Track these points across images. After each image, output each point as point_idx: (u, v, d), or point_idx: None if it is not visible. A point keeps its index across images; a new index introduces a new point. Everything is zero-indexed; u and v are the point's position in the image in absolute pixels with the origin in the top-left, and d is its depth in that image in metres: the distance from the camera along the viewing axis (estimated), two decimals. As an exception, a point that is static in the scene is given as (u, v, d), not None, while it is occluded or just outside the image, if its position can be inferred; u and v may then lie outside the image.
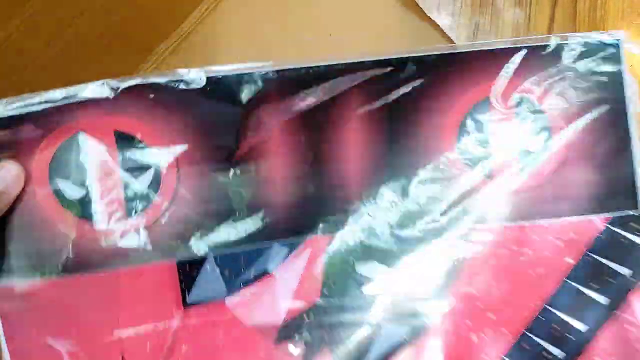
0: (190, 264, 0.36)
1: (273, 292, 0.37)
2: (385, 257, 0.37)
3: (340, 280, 0.37)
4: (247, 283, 0.37)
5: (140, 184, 0.36)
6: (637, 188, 0.36)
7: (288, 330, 0.37)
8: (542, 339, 0.36)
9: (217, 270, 0.37)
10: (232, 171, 0.37)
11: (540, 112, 0.37)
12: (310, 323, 0.37)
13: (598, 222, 0.35)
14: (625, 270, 0.35)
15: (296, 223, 0.37)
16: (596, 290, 0.35)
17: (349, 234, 0.37)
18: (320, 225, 0.37)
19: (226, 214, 0.36)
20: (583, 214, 0.35)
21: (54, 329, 0.36)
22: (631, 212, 0.35)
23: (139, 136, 0.36)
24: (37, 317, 0.35)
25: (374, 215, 0.37)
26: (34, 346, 0.35)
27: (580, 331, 0.35)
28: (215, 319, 0.37)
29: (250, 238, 0.37)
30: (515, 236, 0.36)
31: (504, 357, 0.35)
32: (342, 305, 0.37)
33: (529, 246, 0.36)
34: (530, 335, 0.36)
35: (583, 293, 0.35)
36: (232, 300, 0.37)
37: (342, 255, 0.37)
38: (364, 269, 0.37)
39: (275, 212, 0.37)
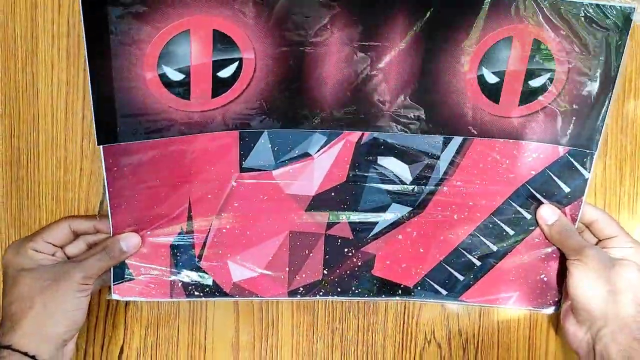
0: (249, 137, 0.44)
1: (311, 171, 0.46)
2: (402, 155, 0.46)
3: (364, 170, 0.46)
4: (291, 160, 0.45)
5: (225, 73, 0.42)
6: (599, 134, 0.45)
7: (317, 202, 0.46)
8: (502, 222, 0.48)
9: (269, 145, 0.44)
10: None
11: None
12: (335, 198, 0.47)
13: (561, 150, 0.46)
14: (566, 188, 0.48)
15: (337, 118, 0.44)
16: (543, 197, 0.48)
17: (376, 134, 0.45)
18: (355, 124, 0.45)
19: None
20: (550, 142, 0.46)
21: (146, 177, 0.44)
22: (587, 151, 0.47)
23: (231, 36, 0.41)
24: (137, 169, 0.43)
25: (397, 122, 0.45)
26: (131, 189, 0.44)
27: (526, 219, 0.48)
28: (263, 184, 0.46)
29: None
30: (502, 148, 0.47)
31: (474, 232, 0.48)
32: (362, 188, 0.46)
33: (508, 157, 0.47)
34: (494, 218, 0.48)
35: (535, 196, 0.48)
36: (277, 172, 0.46)
37: (368, 149, 0.46)
38: (384, 161, 0.46)
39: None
